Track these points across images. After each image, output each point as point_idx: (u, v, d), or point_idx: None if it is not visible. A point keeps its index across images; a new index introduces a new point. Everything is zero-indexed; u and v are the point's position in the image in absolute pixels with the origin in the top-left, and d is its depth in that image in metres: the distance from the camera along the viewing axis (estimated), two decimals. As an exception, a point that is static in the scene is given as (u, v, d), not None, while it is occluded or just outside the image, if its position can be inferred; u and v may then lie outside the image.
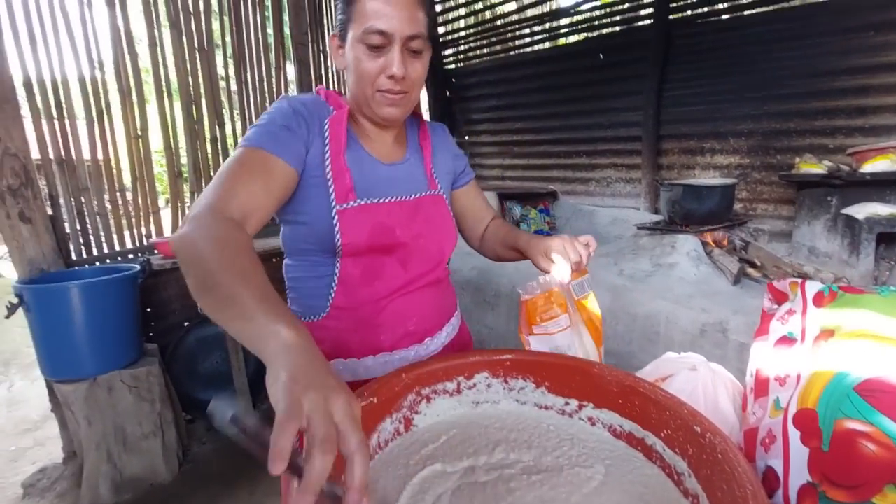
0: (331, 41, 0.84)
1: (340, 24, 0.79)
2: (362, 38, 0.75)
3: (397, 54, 0.75)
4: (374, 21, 0.73)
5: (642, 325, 1.81)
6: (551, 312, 0.78)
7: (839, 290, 0.61)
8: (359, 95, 0.82)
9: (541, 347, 0.77)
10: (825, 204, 2.14)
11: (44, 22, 2.08)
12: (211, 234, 0.59)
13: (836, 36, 2.35)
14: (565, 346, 0.78)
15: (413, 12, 0.75)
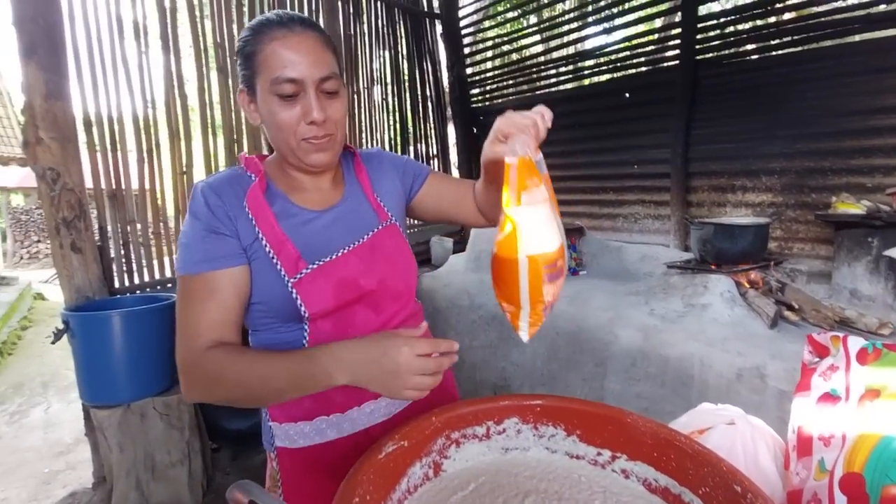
0: (239, 96, 0.80)
1: (245, 78, 0.77)
2: (273, 90, 0.72)
3: (313, 99, 0.73)
4: (281, 71, 0.71)
5: (675, 367, 1.76)
6: (533, 180, 0.63)
7: (883, 348, 0.60)
8: (283, 147, 0.78)
9: (531, 223, 0.62)
10: (865, 245, 2.07)
11: (105, 65, 2.27)
12: (205, 376, 0.71)
13: (868, 75, 2.33)
14: (549, 220, 0.64)
15: (319, 55, 0.74)
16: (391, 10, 3.77)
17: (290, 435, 0.83)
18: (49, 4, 1.97)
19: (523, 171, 0.63)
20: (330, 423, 0.82)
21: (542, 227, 0.63)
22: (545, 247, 0.63)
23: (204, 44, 2.63)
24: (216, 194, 0.76)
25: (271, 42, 0.72)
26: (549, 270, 0.63)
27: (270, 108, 0.74)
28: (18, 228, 11.41)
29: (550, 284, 0.64)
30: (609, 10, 3.40)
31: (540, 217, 0.63)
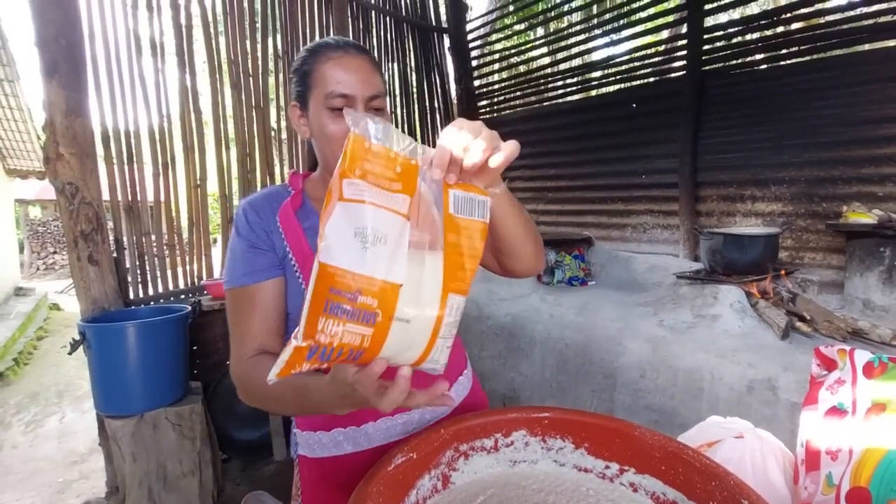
0: (291, 111, 0.86)
1: (299, 94, 0.83)
2: (326, 104, 0.78)
3: None
4: (335, 86, 0.77)
5: (685, 379, 1.75)
6: (384, 175, 0.47)
7: (889, 362, 0.60)
8: (329, 158, 0.83)
9: (342, 222, 0.44)
10: (878, 255, 2.05)
11: (123, 81, 2.34)
12: (251, 386, 0.75)
13: (876, 84, 2.32)
14: (379, 238, 0.45)
15: (369, 75, 0.80)
16: (400, 25, 3.84)
17: (310, 444, 0.87)
18: (70, 25, 2.04)
19: (356, 149, 0.47)
20: (346, 435, 0.85)
21: (356, 238, 0.44)
22: (351, 264, 0.43)
23: (218, 60, 2.70)
24: (255, 211, 0.83)
25: (327, 61, 0.79)
26: (342, 299, 0.42)
27: (321, 121, 0.79)
28: (36, 240, 11.64)
29: (334, 318, 0.42)
30: (616, 22, 3.43)
31: (356, 224, 0.44)
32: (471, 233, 0.51)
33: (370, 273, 0.44)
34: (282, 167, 3.06)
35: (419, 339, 0.48)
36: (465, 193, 0.52)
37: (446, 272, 0.49)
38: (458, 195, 0.52)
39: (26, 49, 23.03)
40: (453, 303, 0.49)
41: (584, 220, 3.66)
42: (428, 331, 0.48)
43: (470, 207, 0.52)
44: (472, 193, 0.53)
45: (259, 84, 2.84)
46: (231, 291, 0.81)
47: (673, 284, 2.29)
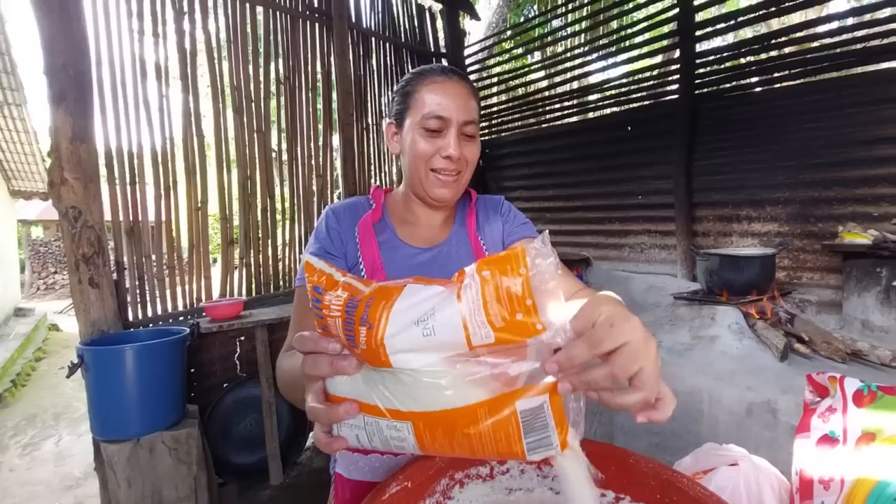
0: (386, 128, 0.90)
1: (398, 112, 0.86)
2: (421, 123, 0.82)
3: (453, 137, 0.82)
4: (433, 108, 0.81)
5: (684, 402, 1.73)
6: (507, 347, 0.40)
7: (878, 391, 0.61)
8: (413, 176, 0.86)
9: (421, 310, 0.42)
10: (874, 275, 2.06)
11: (128, 105, 2.39)
12: (279, 371, 0.77)
13: (868, 106, 2.37)
14: (433, 355, 0.41)
15: (467, 101, 0.83)
16: (399, 51, 3.93)
17: (346, 464, 0.87)
18: (79, 55, 2.09)
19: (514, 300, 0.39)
20: (383, 462, 0.85)
21: (418, 327, 0.42)
22: (400, 341, 0.42)
23: (221, 85, 2.76)
24: (336, 217, 0.87)
25: (430, 84, 0.83)
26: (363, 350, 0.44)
27: (414, 139, 0.83)
28: (37, 260, 11.68)
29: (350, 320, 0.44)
30: (611, 47, 3.51)
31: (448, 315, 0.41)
32: (496, 433, 0.42)
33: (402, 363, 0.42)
34: (282, 189, 3.09)
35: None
36: (550, 419, 0.41)
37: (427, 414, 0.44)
38: (541, 409, 0.41)
39: (34, 73, 23.45)
40: (392, 423, 0.46)
41: (582, 241, 3.69)
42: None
43: (532, 431, 0.41)
44: (554, 430, 0.42)
45: (261, 108, 2.90)
46: (298, 290, 0.85)
47: (671, 305, 2.29)
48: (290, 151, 3.11)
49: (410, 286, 0.44)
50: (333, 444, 0.48)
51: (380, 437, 0.46)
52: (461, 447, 0.44)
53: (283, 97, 3.06)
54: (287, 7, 3.05)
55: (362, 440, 0.47)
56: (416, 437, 0.44)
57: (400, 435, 0.45)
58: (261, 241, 2.92)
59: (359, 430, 0.47)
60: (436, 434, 0.44)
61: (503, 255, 0.41)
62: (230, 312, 2.41)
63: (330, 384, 0.48)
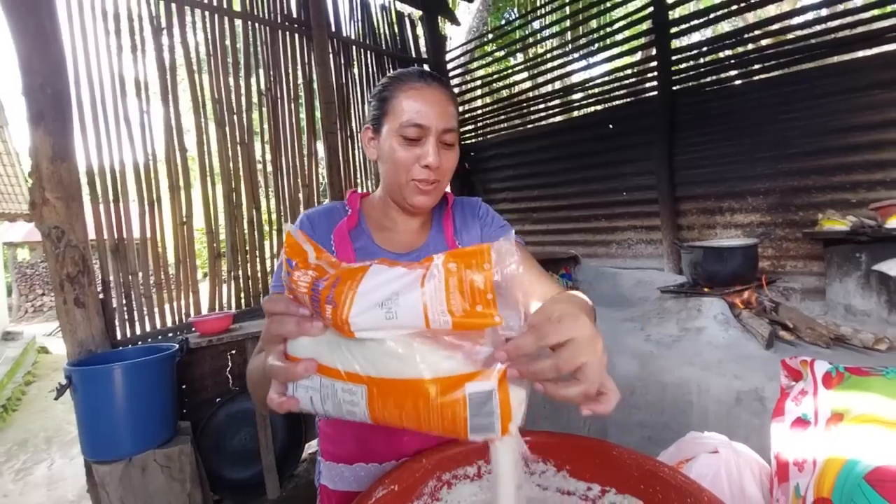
0: (363, 133, 0.88)
1: (374, 118, 0.85)
2: (399, 131, 0.80)
3: (432, 146, 0.80)
4: (411, 116, 0.79)
5: (673, 393, 1.76)
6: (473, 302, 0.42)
7: (846, 372, 0.62)
8: (392, 183, 0.85)
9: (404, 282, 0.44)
10: (854, 260, 2.10)
11: (108, 122, 2.38)
12: (249, 363, 0.75)
13: (841, 95, 2.41)
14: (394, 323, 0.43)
15: (446, 108, 0.81)
16: (380, 58, 3.95)
17: (331, 475, 0.87)
18: (56, 74, 2.08)
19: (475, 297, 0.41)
20: (368, 472, 0.84)
21: (381, 309, 0.44)
22: (359, 313, 0.45)
23: (202, 98, 2.76)
24: (311, 223, 0.86)
25: (408, 91, 0.81)
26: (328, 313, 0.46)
27: (392, 146, 0.81)
28: (24, 282, 11.50)
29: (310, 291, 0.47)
30: (590, 47, 3.56)
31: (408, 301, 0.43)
32: (443, 412, 0.44)
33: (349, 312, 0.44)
34: (268, 201, 3.09)
35: None
36: (495, 403, 0.44)
37: (379, 380, 0.46)
38: (485, 393, 0.43)
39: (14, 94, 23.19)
40: (347, 387, 0.48)
41: (569, 239, 3.71)
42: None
43: (478, 414, 0.44)
44: (497, 412, 0.44)
45: (243, 120, 2.90)
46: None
47: (658, 299, 2.32)
48: (275, 162, 3.10)
49: (375, 267, 0.46)
50: (285, 404, 0.49)
51: (332, 401, 0.48)
52: (409, 419, 0.46)
53: (266, 108, 3.06)
54: (265, 19, 3.05)
55: (315, 402, 0.49)
56: (368, 403, 0.46)
57: (353, 399, 0.47)
58: (248, 254, 2.91)
59: (313, 392, 0.48)
60: (387, 402, 0.46)
61: (469, 249, 0.43)
62: (220, 326, 2.39)
63: (291, 346, 0.50)
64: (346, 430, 0.85)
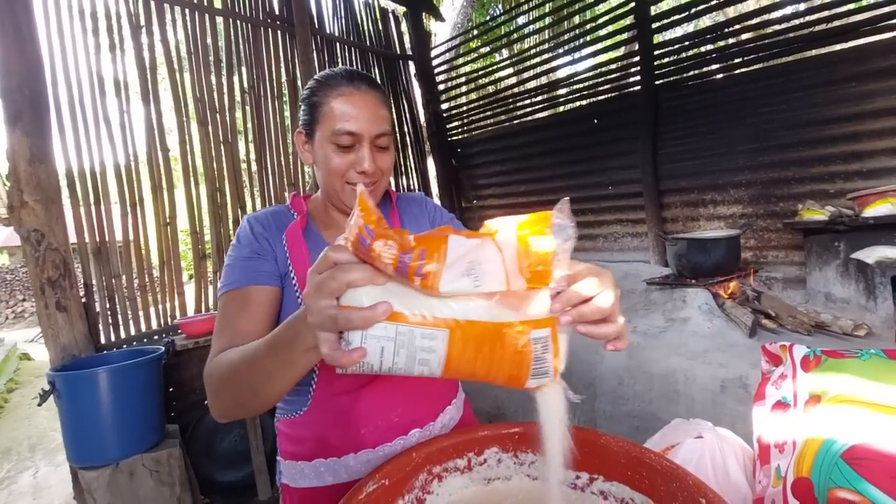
0: (296, 137, 0.87)
1: (306, 123, 0.83)
2: (332, 139, 0.79)
3: (367, 152, 0.80)
4: (342, 123, 0.78)
5: (660, 383, 1.78)
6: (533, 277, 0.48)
7: (823, 355, 0.64)
8: (329, 188, 0.85)
9: (489, 253, 0.49)
10: (833, 249, 2.15)
11: (88, 122, 2.33)
12: (213, 382, 0.71)
13: (819, 88, 2.46)
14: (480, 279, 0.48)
15: (378, 112, 0.81)
16: (365, 55, 3.93)
17: (292, 473, 0.87)
18: (33, 74, 2.04)
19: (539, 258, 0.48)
20: (327, 466, 0.84)
21: (469, 276, 0.48)
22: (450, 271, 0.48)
23: (184, 97, 2.72)
24: (260, 224, 0.85)
25: (338, 97, 0.79)
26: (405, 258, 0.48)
27: (326, 153, 0.81)
28: (3, 288, 11.24)
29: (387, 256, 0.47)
30: (574, 42, 3.57)
31: (491, 268, 0.48)
32: (513, 356, 0.50)
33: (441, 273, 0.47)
34: (253, 200, 3.05)
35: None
36: (550, 346, 0.50)
37: (463, 326, 0.49)
38: (546, 338, 0.50)
39: (-12, 94, 22.46)
40: (429, 334, 0.50)
41: (557, 233, 3.73)
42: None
43: (541, 358, 0.50)
44: (551, 356, 0.51)
45: (226, 119, 2.86)
46: (225, 295, 0.79)
47: (644, 291, 2.35)
48: (260, 161, 3.07)
49: (453, 238, 0.49)
50: (355, 354, 0.47)
51: (407, 351, 0.48)
52: (482, 365, 0.50)
53: (249, 107, 3.03)
54: (247, 16, 3.02)
55: (386, 353, 0.48)
56: (448, 348, 0.48)
57: (432, 345, 0.48)
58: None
59: (386, 342, 0.48)
60: (467, 346, 0.49)
61: (536, 216, 0.50)
62: (206, 328, 2.37)
63: (349, 298, 0.48)
64: (304, 429, 0.85)
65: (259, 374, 0.63)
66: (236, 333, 0.75)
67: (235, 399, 0.69)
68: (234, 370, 0.66)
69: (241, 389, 0.67)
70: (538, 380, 0.52)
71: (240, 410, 0.71)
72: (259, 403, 0.68)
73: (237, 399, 0.69)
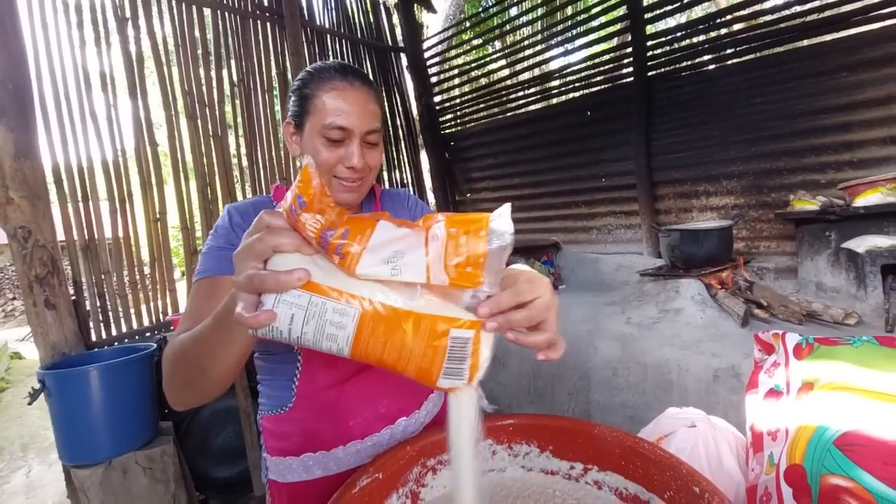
0: (284, 127, 0.86)
1: (296, 114, 0.83)
2: (322, 132, 0.79)
3: (357, 148, 0.80)
4: (334, 117, 0.78)
5: (654, 374, 1.79)
6: (462, 272, 0.47)
7: (815, 342, 0.64)
8: None
9: (411, 241, 0.48)
10: (824, 239, 2.16)
11: (74, 118, 2.29)
12: (167, 365, 0.70)
13: (810, 79, 2.47)
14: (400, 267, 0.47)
15: (370, 109, 0.81)
16: (356, 47, 3.88)
17: (279, 469, 0.87)
18: (17, 69, 2.00)
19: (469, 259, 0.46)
20: (316, 460, 0.85)
21: (387, 264, 0.47)
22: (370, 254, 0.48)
23: (172, 91, 2.67)
24: (240, 214, 0.84)
25: (331, 90, 0.79)
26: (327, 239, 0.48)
27: (315, 146, 0.80)
28: (-8, 286, 11.11)
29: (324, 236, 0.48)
30: (567, 33, 3.55)
31: (411, 258, 0.47)
32: (426, 351, 0.48)
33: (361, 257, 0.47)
34: (244, 195, 3.02)
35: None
36: (470, 351, 0.49)
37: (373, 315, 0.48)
38: (465, 339, 0.48)
39: (-27, 90, 21.97)
40: (341, 309, 0.49)
41: (550, 226, 3.74)
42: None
43: (456, 359, 0.49)
44: (469, 361, 0.49)
45: (216, 112, 2.82)
46: (196, 283, 0.79)
47: (638, 282, 2.36)
48: (251, 156, 3.04)
49: (382, 223, 0.48)
50: (261, 316, 0.45)
51: (316, 322, 0.47)
52: (390, 352, 0.48)
53: (239, 100, 2.99)
54: (235, 7, 2.97)
55: (295, 321, 0.47)
56: (357, 327, 0.47)
57: (342, 321, 0.47)
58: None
59: (297, 309, 0.47)
60: (377, 330, 0.47)
61: (470, 216, 0.48)
62: (199, 324, 2.34)
63: (275, 262, 0.48)
64: (290, 424, 0.85)
65: (204, 351, 0.62)
66: (199, 320, 0.73)
67: (185, 379, 0.67)
68: (184, 349, 0.65)
69: (189, 368, 0.66)
70: (451, 381, 0.50)
71: (190, 394, 0.69)
72: (208, 383, 0.66)
73: (186, 379, 0.67)
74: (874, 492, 0.47)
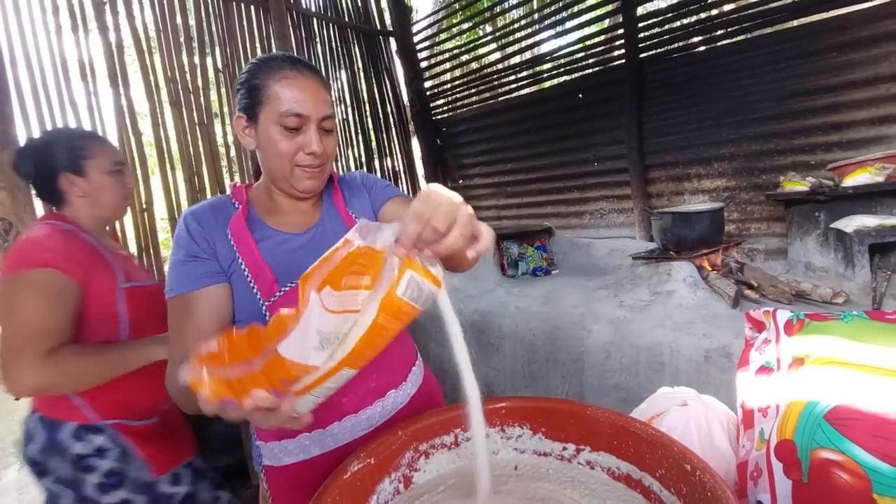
0: (236, 122, 0.86)
1: (246, 107, 0.83)
2: (279, 121, 0.80)
3: (314, 134, 0.82)
4: (289, 105, 0.79)
5: (646, 356, 1.80)
6: (357, 281, 0.51)
7: (806, 318, 0.64)
8: (277, 172, 0.85)
9: (312, 321, 0.52)
10: (813, 220, 2.17)
11: (53, 107, 2.23)
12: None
13: (801, 59, 2.46)
14: (332, 334, 0.52)
15: (322, 96, 0.83)
16: (344, 31, 3.81)
17: (275, 453, 0.87)
18: (-12, 54, 1.94)
19: (356, 261, 0.51)
20: (312, 439, 0.86)
21: (315, 336, 0.51)
22: (302, 356, 0.52)
23: (155, 79, 2.61)
24: (197, 221, 0.83)
25: (282, 79, 0.80)
26: (280, 383, 0.53)
27: (272, 137, 0.81)
28: (-22, 282, 10.95)
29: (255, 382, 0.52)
30: (557, 15, 3.51)
31: (321, 326, 0.51)
32: (402, 316, 0.52)
33: (306, 362, 0.52)
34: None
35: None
36: (420, 279, 0.51)
37: (355, 350, 0.53)
38: (412, 278, 0.51)
39: (-50, 81, 21.38)
40: (342, 374, 0.55)
41: (543, 212, 3.73)
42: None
43: (417, 293, 0.51)
44: (427, 281, 0.51)
45: (200, 100, 2.76)
46: (169, 301, 0.80)
47: (630, 266, 2.36)
48: (238, 143, 2.99)
49: (282, 344, 0.53)
50: (303, 420, 0.57)
51: (329, 391, 0.57)
52: (384, 343, 0.54)
53: (225, 87, 2.93)
54: (218, -9, 2.89)
55: (319, 402, 0.58)
56: (355, 364, 0.55)
57: (347, 374, 0.56)
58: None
59: (313, 403, 0.58)
60: (366, 355, 0.54)
61: (336, 266, 0.52)
62: (190, 315, 2.32)
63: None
64: None
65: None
66: (185, 342, 0.77)
67: (193, 408, 0.71)
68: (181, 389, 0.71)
69: (190, 399, 0.73)
70: (429, 299, 0.53)
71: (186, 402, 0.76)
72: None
73: (194, 407, 0.72)
74: (864, 464, 0.48)
